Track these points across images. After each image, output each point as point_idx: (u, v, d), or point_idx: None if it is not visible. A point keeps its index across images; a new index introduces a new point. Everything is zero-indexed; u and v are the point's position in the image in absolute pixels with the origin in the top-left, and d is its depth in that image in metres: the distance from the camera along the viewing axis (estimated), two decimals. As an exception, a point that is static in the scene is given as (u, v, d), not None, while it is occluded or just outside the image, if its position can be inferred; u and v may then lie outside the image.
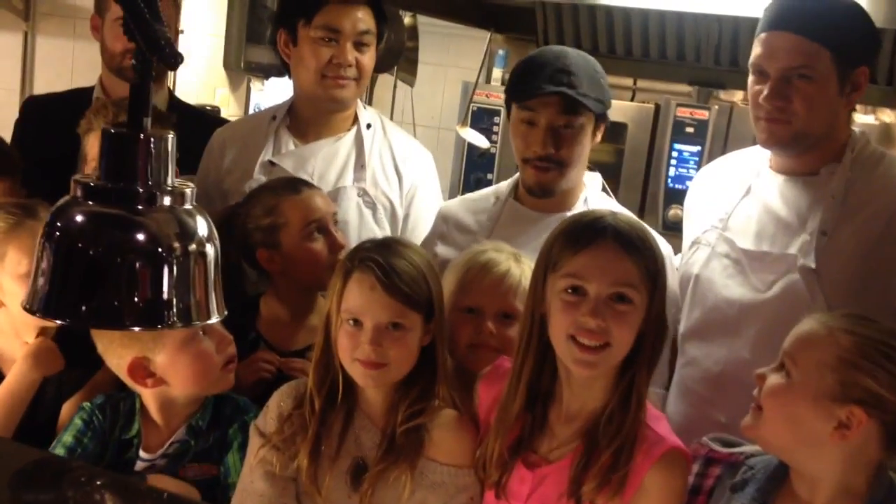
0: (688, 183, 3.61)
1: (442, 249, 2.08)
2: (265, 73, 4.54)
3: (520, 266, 1.74)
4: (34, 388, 1.82)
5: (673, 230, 3.42)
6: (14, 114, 2.85)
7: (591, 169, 2.13)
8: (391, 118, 3.90)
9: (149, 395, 1.74)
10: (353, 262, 1.59)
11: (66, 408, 1.82)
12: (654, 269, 1.45)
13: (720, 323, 1.82)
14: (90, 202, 1.15)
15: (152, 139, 1.15)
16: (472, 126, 3.84)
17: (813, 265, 1.72)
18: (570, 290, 1.45)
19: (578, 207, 2.04)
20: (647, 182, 3.67)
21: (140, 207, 1.14)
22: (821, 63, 1.72)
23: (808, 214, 1.78)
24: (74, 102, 2.45)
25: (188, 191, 1.20)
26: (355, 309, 1.56)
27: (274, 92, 4.78)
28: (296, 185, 2.04)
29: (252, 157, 2.28)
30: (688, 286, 1.89)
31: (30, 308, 1.16)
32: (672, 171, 3.69)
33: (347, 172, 2.28)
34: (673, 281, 1.87)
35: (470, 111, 3.87)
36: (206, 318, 1.23)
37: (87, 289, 1.14)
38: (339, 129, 2.32)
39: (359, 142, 2.31)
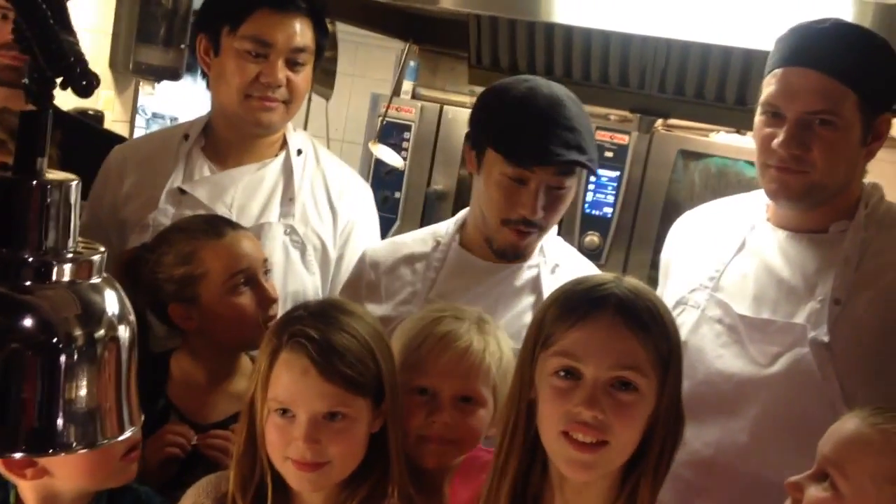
0: (605, 209, 3.48)
1: (372, 309, 1.78)
2: (156, 75, 4.12)
3: (483, 337, 1.47)
4: None
5: (588, 258, 3.27)
6: None
7: None
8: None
9: (27, 488, 1.39)
10: (280, 339, 1.29)
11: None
12: (666, 349, 1.21)
13: (713, 399, 1.58)
14: (-44, 274, 0.82)
15: (49, 188, 0.84)
16: (382, 141, 3.58)
17: (826, 339, 1.50)
18: (562, 373, 1.20)
19: (535, 257, 1.79)
20: (563, 208, 3.49)
21: (28, 283, 0.82)
22: (846, 108, 1.50)
23: (817, 279, 1.56)
24: None
25: (97, 258, 0.88)
26: (285, 398, 1.27)
27: (165, 97, 4.39)
28: (218, 227, 1.70)
29: (158, 183, 1.92)
30: (672, 354, 1.64)
31: None
32: (589, 197, 3.54)
33: (273, 206, 1.94)
34: None
35: (380, 125, 3.59)
36: (118, 433, 0.90)
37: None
38: (265, 155, 1.98)
39: (287, 170, 1.97)
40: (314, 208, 1.97)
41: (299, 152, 2.00)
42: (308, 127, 4.01)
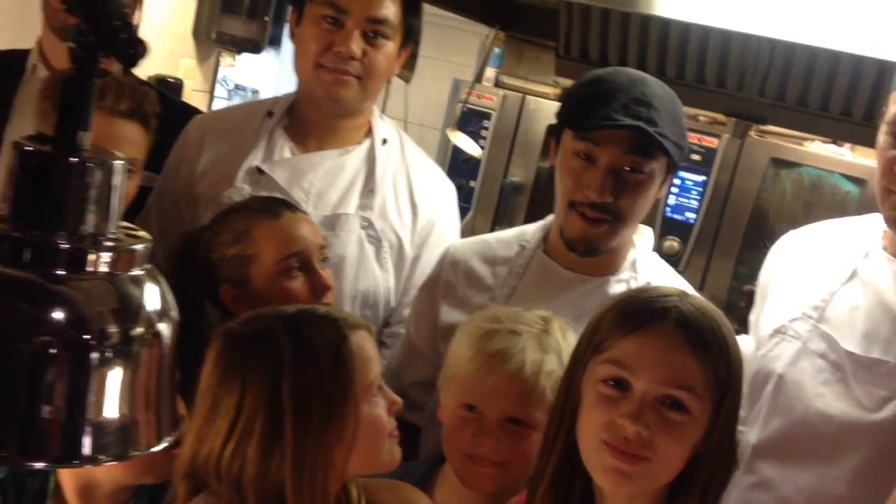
0: (688, 214, 3.31)
1: (447, 312, 1.66)
2: (238, 46, 4.08)
3: (542, 356, 1.33)
4: None
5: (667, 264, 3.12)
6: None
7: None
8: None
9: (66, 475, 1.33)
10: None
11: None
12: (725, 375, 1.10)
13: (810, 442, 1.43)
14: (-15, 257, 0.73)
15: (91, 166, 0.74)
16: (461, 128, 3.46)
17: (943, 388, 1.35)
18: (610, 382, 1.10)
19: (624, 271, 1.64)
20: (644, 210, 3.35)
21: (61, 272, 0.73)
22: None
23: (937, 319, 1.40)
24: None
25: (140, 247, 0.78)
26: None
27: (246, 69, 4.34)
28: (274, 207, 1.60)
29: (236, 160, 1.83)
30: (765, 386, 1.49)
31: None
32: (672, 200, 3.38)
33: (352, 196, 1.83)
34: None
35: (460, 112, 3.47)
36: (153, 443, 0.81)
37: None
38: (348, 141, 1.88)
39: (370, 160, 1.87)
40: (394, 203, 1.86)
41: (384, 142, 1.89)
42: (386, 109, 3.93)
